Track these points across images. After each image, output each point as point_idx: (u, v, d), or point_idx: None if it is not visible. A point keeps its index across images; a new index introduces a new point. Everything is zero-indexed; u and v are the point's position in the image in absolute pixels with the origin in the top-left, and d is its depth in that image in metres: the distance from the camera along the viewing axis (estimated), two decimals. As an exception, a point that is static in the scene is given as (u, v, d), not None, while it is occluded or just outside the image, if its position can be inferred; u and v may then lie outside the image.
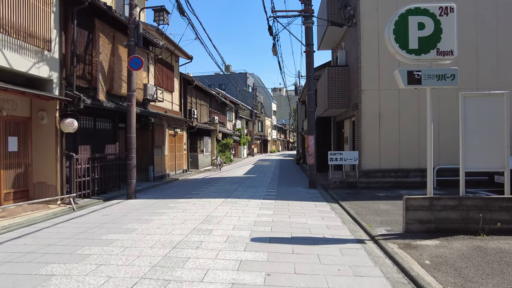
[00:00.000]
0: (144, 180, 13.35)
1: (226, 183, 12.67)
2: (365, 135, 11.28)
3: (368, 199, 8.92)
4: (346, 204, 8.12)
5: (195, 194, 9.91)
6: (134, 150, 9.48)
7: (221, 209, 7.55)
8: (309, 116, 11.44)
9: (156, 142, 13.84)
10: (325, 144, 17.10)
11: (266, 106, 65.72)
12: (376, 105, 11.30)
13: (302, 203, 8.47)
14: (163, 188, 11.77)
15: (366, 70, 11.33)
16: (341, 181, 11.14)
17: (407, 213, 5.43)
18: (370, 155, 11.25)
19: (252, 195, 9.73)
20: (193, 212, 7.25)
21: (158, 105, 14.78)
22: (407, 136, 11.21)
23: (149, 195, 10.18)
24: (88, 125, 9.78)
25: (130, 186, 9.33)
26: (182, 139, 17.39)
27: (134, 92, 9.44)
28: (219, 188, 11.18)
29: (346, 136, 13.99)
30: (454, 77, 5.48)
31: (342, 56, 13.48)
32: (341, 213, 7.32)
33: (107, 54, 10.17)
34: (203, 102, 21.74)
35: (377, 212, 7.20)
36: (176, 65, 17.23)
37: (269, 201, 8.59)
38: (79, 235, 5.45)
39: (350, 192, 10.13)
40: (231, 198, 9.12)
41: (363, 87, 11.32)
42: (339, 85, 12.95)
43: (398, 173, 11.13)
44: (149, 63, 13.65)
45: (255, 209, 7.48)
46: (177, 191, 10.92)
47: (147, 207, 8.04)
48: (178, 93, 17.45)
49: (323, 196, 9.73)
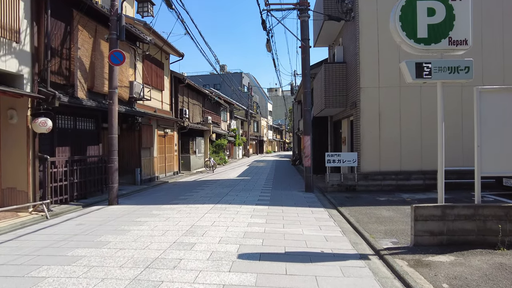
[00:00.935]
0: (131, 184, 12.62)
1: (217, 186, 11.98)
2: (364, 136, 10.65)
3: (369, 204, 8.29)
4: (345, 210, 7.48)
5: (183, 200, 9.21)
6: (115, 152, 8.77)
7: (208, 217, 6.87)
8: (305, 116, 10.80)
9: (143, 143, 13.12)
10: (322, 145, 16.47)
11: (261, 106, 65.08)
12: (375, 104, 10.69)
13: (297, 209, 7.81)
14: (150, 192, 11.05)
15: (365, 67, 10.71)
16: (339, 184, 10.50)
17: (416, 224, 4.79)
18: (370, 156, 10.62)
19: (244, 200, 9.06)
20: (176, 221, 6.55)
21: (147, 104, 14.05)
22: (408, 137, 10.60)
23: (133, 200, 9.46)
24: (67, 125, 9.05)
25: (112, 191, 8.61)
26: (172, 140, 16.67)
27: (116, 90, 8.73)
28: (209, 192, 10.49)
29: (344, 137, 13.36)
30: (469, 69, 4.87)
31: (339, 52, 12.85)
32: (340, 221, 6.67)
33: (88, 49, 9.45)
34: (195, 101, 21.03)
35: (380, 219, 6.55)
36: (166, 63, 16.52)
37: (262, 207, 7.92)
38: (42, 251, 4.74)
39: (349, 196, 9.49)
40: (221, 203, 8.43)
41: (362, 85, 10.70)
42: (336, 83, 12.33)
43: (399, 175, 10.52)
44: (136, 60, 12.93)
45: (246, 217, 6.80)
46: (164, 195, 10.21)
47: (128, 214, 7.34)
48: (168, 92, 16.73)
49: (320, 201, 9.08)
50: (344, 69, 12.33)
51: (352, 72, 11.36)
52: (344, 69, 12.33)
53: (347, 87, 12.19)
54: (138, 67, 13.19)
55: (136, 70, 12.88)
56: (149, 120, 13.89)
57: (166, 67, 16.43)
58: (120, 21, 8.74)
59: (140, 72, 13.34)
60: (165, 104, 16.26)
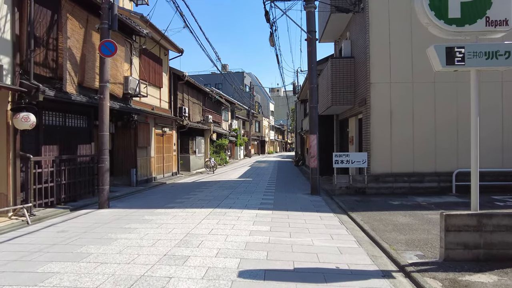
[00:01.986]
0: (126, 185, 11.95)
1: (217, 188, 11.29)
2: (375, 135, 9.94)
3: (382, 208, 7.58)
4: (358, 216, 6.77)
5: (179, 203, 8.52)
6: (106, 151, 8.10)
7: (206, 223, 6.17)
8: (311, 113, 10.09)
9: (140, 142, 12.44)
10: (327, 145, 15.75)
11: (263, 106, 64.40)
12: (386, 101, 9.97)
13: (304, 214, 7.10)
14: (145, 194, 10.37)
15: (376, 61, 10.00)
16: (347, 187, 9.79)
17: (447, 235, 4.08)
18: (380, 157, 9.91)
19: (245, 203, 8.36)
20: (170, 228, 5.86)
21: (144, 102, 13.39)
22: (421, 136, 9.88)
23: (126, 203, 8.78)
24: (55, 121, 8.38)
25: (102, 193, 7.94)
26: (171, 139, 15.99)
27: (107, 84, 8.06)
28: (208, 195, 9.79)
29: (351, 136, 12.65)
30: (510, 55, 4.14)
31: (347, 47, 12.14)
32: (353, 229, 5.97)
33: (78, 40, 8.78)
34: (195, 100, 20.36)
35: (397, 227, 5.85)
36: (165, 59, 15.85)
37: (266, 212, 7.22)
38: (8, 266, 4.06)
39: (358, 200, 8.78)
40: (220, 208, 7.74)
41: (372, 80, 9.99)
42: (343, 78, 11.62)
43: (412, 177, 9.80)
44: (133, 54, 12.27)
45: (248, 224, 6.11)
46: (160, 198, 9.53)
47: (118, 219, 6.65)
48: (167, 89, 16.07)
49: (329, 204, 8.38)
50: (352, 64, 11.62)
51: (361, 67, 10.65)
52: (352, 64, 11.62)
53: (355, 83, 11.48)
54: (135, 62, 12.52)
55: (132, 65, 12.22)
56: (146, 118, 13.22)
57: (165, 64, 15.77)
58: (112, 9, 8.07)
59: (136, 67, 12.68)
60: (164, 101, 15.60)
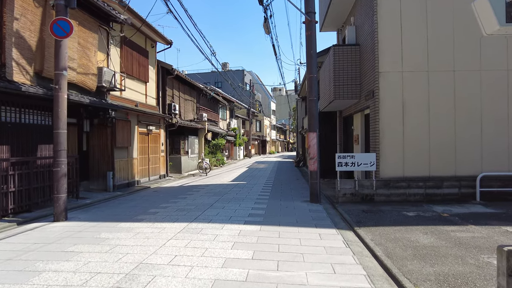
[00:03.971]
0: (101, 190, 10.60)
1: (204, 194, 9.91)
2: (384, 132, 8.53)
3: (395, 222, 6.18)
4: (367, 234, 5.38)
5: (153, 214, 7.15)
6: (63, 153, 6.75)
7: (171, 246, 4.80)
8: (311, 107, 8.69)
9: (118, 141, 11.09)
10: (329, 144, 14.35)
11: (264, 105, 63.01)
12: (398, 92, 8.56)
13: (300, 231, 5.70)
14: (120, 202, 9.01)
15: (385, 47, 8.59)
16: (353, 193, 8.39)
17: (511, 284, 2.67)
18: (391, 158, 8.50)
19: (231, 214, 6.97)
20: (123, 252, 4.49)
21: (126, 97, 12.05)
22: (439, 133, 8.47)
23: (90, 213, 7.41)
24: (5, 117, 7.05)
25: (58, 203, 6.58)
26: (158, 139, 14.64)
27: (64, 72, 6.70)
28: (190, 203, 8.42)
29: (356, 135, 11.23)
30: None
31: (351, 33, 10.73)
32: (362, 254, 4.57)
33: (33, 21, 7.44)
34: (188, 96, 19.00)
35: (420, 251, 4.45)
36: (152, 51, 14.50)
37: (252, 228, 5.83)
38: None
39: (366, 210, 7.37)
40: (198, 221, 6.35)
41: (382, 69, 8.58)
42: (348, 69, 10.21)
43: (428, 182, 8.38)
44: (110, 44, 10.92)
45: (225, 248, 4.72)
46: (133, 207, 8.17)
47: (65, 238, 5.30)
48: (154, 84, 14.72)
49: (330, 216, 6.97)
50: (358, 52, 10.20)
51: (368, 55, 9.24)
52: (357, 52, 10.21)
53: (361, 74, 10.07)
54: (113, 52, 11.18)
55: (110, 56, 10.87)
56: (127, 115, 11.87)
57: (151, 56, 14.42)
58: (70, -18, 6.71)
59: (115, 58, 11.33)
60: (150, 97, 14.25)
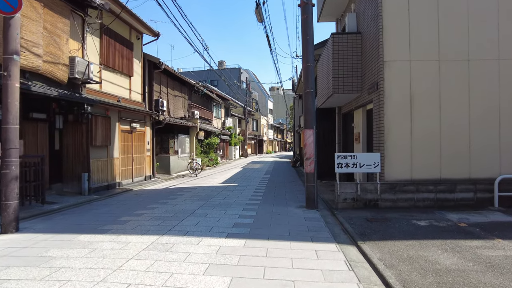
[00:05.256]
0: (76, 193, 9.58)
1: (188, 199, 8.90)
2: (390, 129, 7.56)
3: (406, 234, 5.21)
4: (374, 251, 4.40)
5: (122, 223, 6.14)
6: (15, 152, 5.71)
7: (128, 269, 3.79)
8: (307, 101, 7.69)
9: (96, 140, 10.05)
10: (327, 143, 13.38)
11: (261, 104, 62.04)
12: (405, 84, 7.59)
13: (293, 246, 4.71)
14: (92, 207, 7.99)
15: (391, 33, 7.63)
16: (354, 198, 7.41)
17: None
18: (397, 159, 7.53)
19: (213, 224, 5.97)
20: (63, 280, 3.49)
21: (106, 91, 11.03)
22: (452, 131, 7.51)
23: (51, 222, 6.38)
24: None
25: (6, 211, 5.56)
26: (143, 137, 13.60)
27: (15, 56, 5.67)
28: (169, 209, 7.41)
29: (357, 133, 10.26)
30: None
31: (351, 21, 9.74)
32: (370, 281, 3.58)
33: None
34: (178, 92, 17.97)
35: (445, 279, 3.48)
36: (137, 43, 13.47)
37: (235, 243, 4.84)
38: None
39: (371, 218, 6.39)
40: (171, 234, 5.34)
41: (387, 58, 7.61)
42: (348, 60, 9.23)
43: (439, 185, 7.41)
44: (86, 31, 9.88)
45: (196, 274, 3.72)
46: (105, 213, 7.15)
47: (0, 258, 4.28)
48: (140, 79, 13.69)
49: (329, 226, 5.99)
50: (359, 41, 9.23)
51: (371, 43, 8.26)
52: (358, 41, 9.23)
53: (362, 65, 9.10)
54: (91, 42, 10.15)
55: (85, 46, 9.83)
56: (107, 110, 10.84)
57: (137, 49, 13.39)
58: (23, -49, 5.68)
59: (94, 49, 10.30)
60: (135, 93, 13.22)
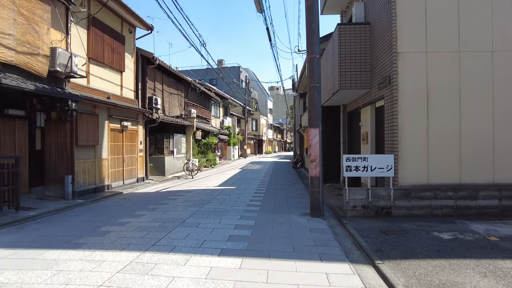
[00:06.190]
0: (59, 197, 8.79)
1: (180, 204, 8.12)
2: (404, 129, 6.79)
3: (431, 251, 4.44)
4: (397, 274, 3.64)
5: (101, 235, 5.36)
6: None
7: (91, 304, 3.02)
8: (312, 97, 6.90)
9: (81, 139, 9.27)
10: (331, 144, 12.60)
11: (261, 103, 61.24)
12: (422, 78, 6.82)
13: (299, 267, 3.94)
14: (74, 214, 7.20)
15: (405, 22, 6.86)
16: (365, 206, 6.63)
17: None
18: (412, 161, 6.76)
19: (204, 238, 5.18)
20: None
21: (95, 87, 10.25)
22: (473, 130, 6.74)
23: (21, 234, 5.58)
24: None
25: (-36, 222, 4.78)
26: (135, 137, 12.81)
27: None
28: (157, 218, 6.62)
29: (364, 132, 9.49)
30: None
31: (359, 10, 8.97)
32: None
33: None
34: (174, 90, 17.17)
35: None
36: (130, 37, 12.68)
37: (229, 264, 4.06)
38: None
39: (385, 230, 5.61)
40: (153, 251, 4.55)
41: (401, 49, 6.84)
42: (356, 52, 8.46)
43: (459, 191, 6.64)
44: (70, 21, 9.08)
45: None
46: (85, 222, 6.36)
47: None
48: (133, 75, 12.90)
49: (339, 239, 5.21)
50: (368, 32, 8.46)
51: (382, 33, 7.49)
52: (367, 32, 8.46)
53: (371, 59, 8.33)
54: (76, 33, 9.36)
55: (70, 37, 9.04)
56: (94, 107, 10.05)
57: (129, 43, 12.59)
58: None
59: (79, 41, 9.51)
60: (127, 89, 12.43)
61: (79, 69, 9.04)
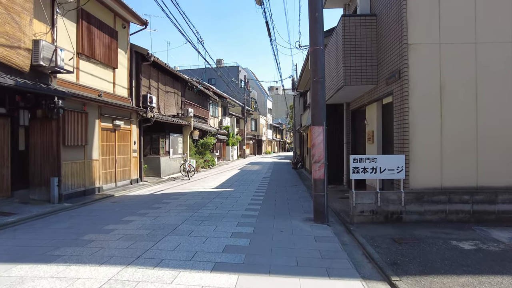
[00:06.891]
0: (44, 201, 8.22)
1: (173, 208, 7.56)
2: (416, 127, 6.24)
3: (453, 264, 3.90)
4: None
5: (82, 245, 4.80)
6: None
7: None
8: (315, 92, 6.35)
9: (69, 139, 8.71)
10: (334, 143, 12.04)
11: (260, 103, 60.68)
12: (435, 72, 6.27)
13: (303, 284, 3.39)
14: (57, 220, 6.63)
15: (416, 11, 6.32)
16: (373, 210, 6.08)
17: None
18: (425, 163, 6.21)
19: (196, 248, 4.62)
20: None
21: (85, 84, 9.70)
22: (490, 128, 6.20)
23: (-6, 243, 5.03)
24: None
25: None
26: (129, 136, 12.24)
27: None
28: (146, 224, 6.06)
29: (370, 131, 8.94)
30: None
31: (364, 2, 8.43)
32: None
33: None
34: (170, 88, 16.61)
35: None
36: (123, 32, 12.11)
37: (223, 281, 3.51)
38: None
39: (398, 238, 5.06)
40: (137, 265, 3.99)
41: (412, 40, 6.29)
42: (362, 45, 7.92)
43: (475, 195, 6.09)
44: (57, 13, 8.52)
45: None
46: (67, 229, 5.80)
47: None
48: (127, 72, 12.33)
49: (347, 249, 4.65)
50: (374, 25, 7.92)
51: (391, 24, 6.94)
52: (373, 25, 7.92)
53: (378, 52, 7.78)
54: (63, 26, 8.80)
55: (56, 29, 8.49)
56: (84, 105, 9.49)
57: (122, 38, 12.03)
58: None
59: (68, 34, 8.96)
60: (120, 87, 11.87)
61: (66, 64, 8.47)
